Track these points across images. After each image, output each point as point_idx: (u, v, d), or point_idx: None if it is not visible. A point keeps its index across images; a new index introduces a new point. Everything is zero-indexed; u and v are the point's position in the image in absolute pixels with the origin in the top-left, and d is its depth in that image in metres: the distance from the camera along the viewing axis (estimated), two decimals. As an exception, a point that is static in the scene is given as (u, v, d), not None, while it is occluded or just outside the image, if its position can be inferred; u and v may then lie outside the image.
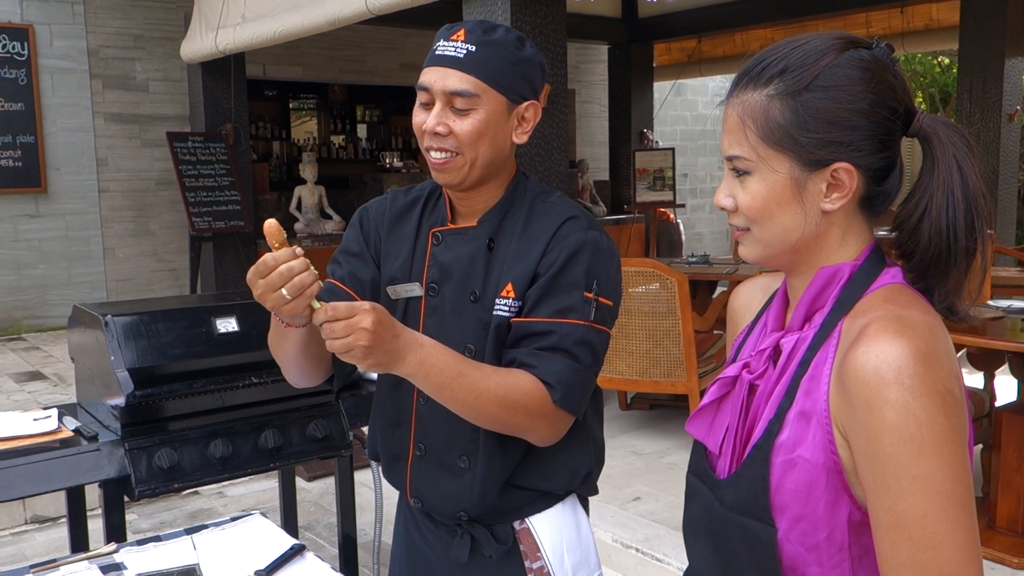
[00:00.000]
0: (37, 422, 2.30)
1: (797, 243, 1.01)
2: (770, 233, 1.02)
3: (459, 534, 1.49)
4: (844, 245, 1.02)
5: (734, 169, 1.02)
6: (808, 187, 0.98)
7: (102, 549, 1.65)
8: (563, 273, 1.38)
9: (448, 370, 1.27)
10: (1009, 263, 6.60)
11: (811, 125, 0.96)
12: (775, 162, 0.99)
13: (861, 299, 0.99)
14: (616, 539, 3.38)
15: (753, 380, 1.05)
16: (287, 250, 1.20)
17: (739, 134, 1.00)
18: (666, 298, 4.26)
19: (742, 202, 1.02)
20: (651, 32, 10.17)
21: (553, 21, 4.46)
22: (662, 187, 9.56)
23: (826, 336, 0.99)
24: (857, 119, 0.96)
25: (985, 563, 3.08)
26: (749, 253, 1.06)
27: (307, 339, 1.36)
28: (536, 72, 1.42)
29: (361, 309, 1.18)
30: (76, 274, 8.05)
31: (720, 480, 1.06)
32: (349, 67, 9.89)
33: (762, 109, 0.99)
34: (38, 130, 7.73)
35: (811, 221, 1.00)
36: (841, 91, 0.96)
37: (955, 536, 0.87)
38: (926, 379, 0.87)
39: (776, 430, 0.98)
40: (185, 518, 3.99)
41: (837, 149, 0.96)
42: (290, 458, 2.48)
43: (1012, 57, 6.87)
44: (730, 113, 1.02)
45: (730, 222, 1.06)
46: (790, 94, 0.97)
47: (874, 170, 0.99)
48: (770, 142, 0.98)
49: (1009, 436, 3.18)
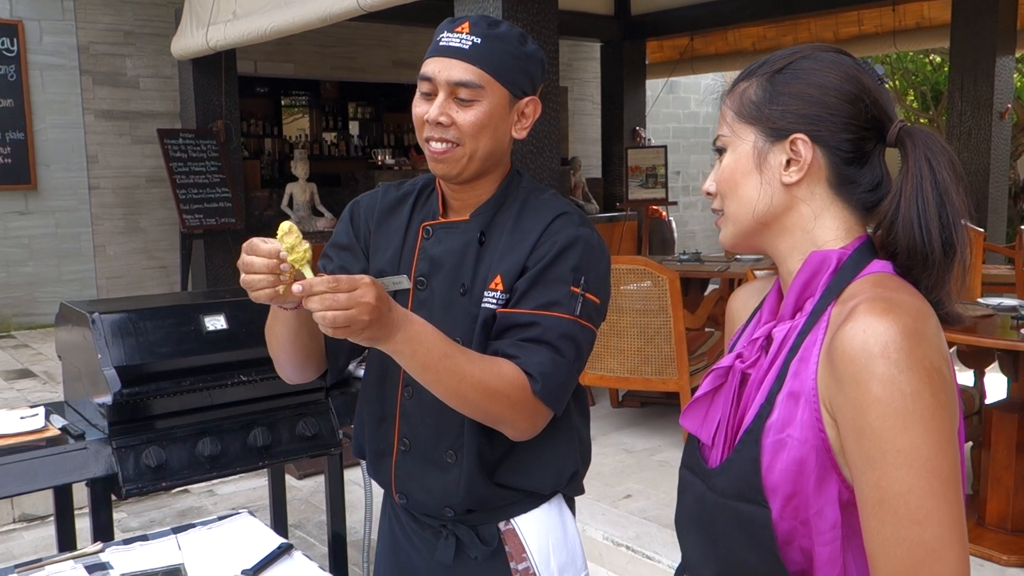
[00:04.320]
0: (24, 420, 2.29)
1: (763, 216, 1.05)
2: (735, 206, 1.07)
3: (444, 535, 1.49)
4: (820, 225, 1.04)
5: (717, 151, 1.08)
6: (768, 159, 1.03)
7: (88, 548, 1.64)
8: (551, 267, 1.37)
9: (435, 350, 1.26)
10: (999, 261, 6.62)
11: (778, 100, 1.03)
12: (743, 133, 1.05)
13: (850, 284, 1.00)
14: (607, 537, 3.38)
15: (745, 369, 1.06)
16: (272, 249, 1.18)
17: (721, 119, 1.08)
18: (657, 295, 4.26)
19: (717, 179, 1.08)
20: (644, 29, 10.16)
21: (545, 18, 4.45)
22: (654, 185, 9.56)
23: (815, 321, 1.00)
24: (823, 96, 1.01)
25: (975, 560, 3.08)
26: (724, 235, 1.11)
27: (297, 324, 1.35)
28: (537, 68, 1.43)
29: (363, 283, 1.16)
30: (66, 271, 8.01)
31: (711, 469, 1.06)
32: (341, 64, 9.86)
33: (740, 91, 1.06)
34: (28, 127, 7.69)
35: (771, 192, 1.03)
36: (811, 72, 1.02)
37: (939, 512, 0.87)
38: (912, 354, 0.88)
39: (766, 414, 0.99)
40: (174, 516, 3.98)
41: (797, 120, 1.02)
42: (279, 456, 2.47)
43: (1003, 55, 6.89)
44: (721, 109, 1.09)
45: (712, 207, 1.11)
46: (766, 76, 1.04)
47: (838, 150, 1.01)
48: (741, 117, 1.05)
49: (999, 433, 3.19)
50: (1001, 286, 5.30)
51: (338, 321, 1.14)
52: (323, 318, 1.14)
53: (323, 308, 1.14)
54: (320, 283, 1.14)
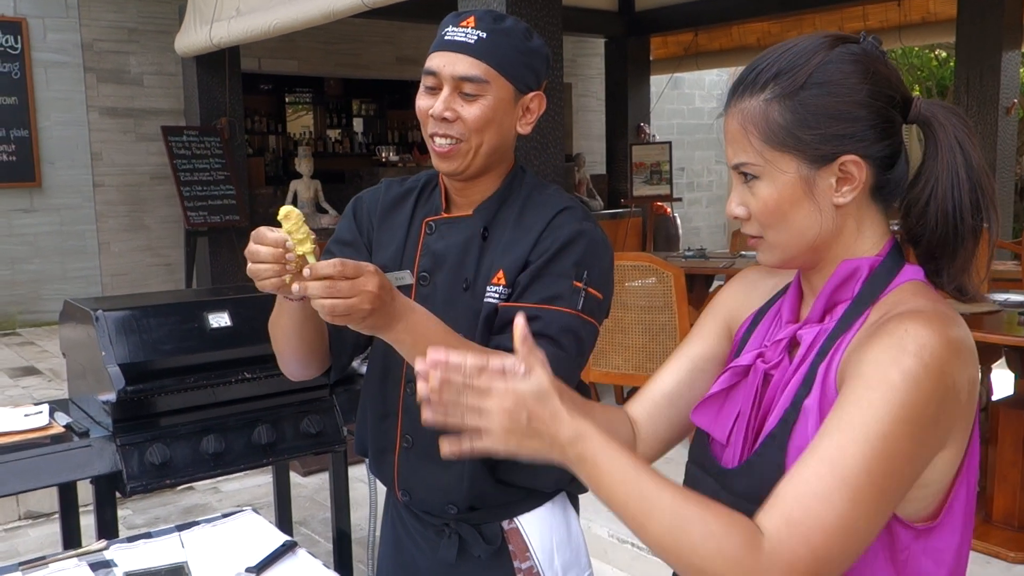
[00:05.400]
0: (28, 418, 2.29)
1: (815, 241, 1.01)
2: (787, 236, 1.02)
3: (447, 534, 1.48)
4: (861, 236, 1.02)
5: (742, 175, 1.02)
6: (818, 183, 0.99)
7: (92, 546, 1.63)
8: (554, 261, 1.37)
9: (436, 340, 1.25)
10: (1006, 257, 6.59)
11: (812, 122, 0.97)
12: (782, 163, 0.99)
13: (886, 292, 0.99)
14: (612, 534, 3.37)
15: (768, 370, 1.05)
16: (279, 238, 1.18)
17: (743, 141, 1.01)
18: (662, 292, 4.25)
19: (755, 208, 1.02)
20: (648, 25, 10.14)
21: (549, 14, 4.44)
22: (659, 181, 9.54)
23: (847, 327, 0.99)
24: (857, 110, 0.97)
25: (982, 557, 3.07)
26: (768, 259, 1.05)
27: (303, 316, 1.34)
28: (542, 64, 1.42)
29: (367, 271, 1.16)
30: (71, 269, 8.02)
31: (728, 469, 1.05)
32: (345, 61, 9.85)
33: (761, 113, 0.99)
34: (32, 124, 7.69)
35: (826, 217, 1.00)
36: (837, 85, 0.97)
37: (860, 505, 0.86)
38: (945, 367, 0.88)
39: (793, 419, 0.98)
40: (179, 514, 3.98)
41: (842, 142, 0.97)
42: (283, 454, 2.46)
43: (1009, 50, 6.86)
44: (730, 123, 1.02)
45: (744, 231, 1.06)
46: (787, 95, 0.98)
47: (880, 159, 0.99)
48: (774, 144, 0.99)
49: (1006, 430, 3.18)
50: (1007, 282, 5.27)
51: (338, 309, 1.14)
52: (322, 306, 1.14)
53: (325, 295, 1.14)
54: (326, 266, 1.14)
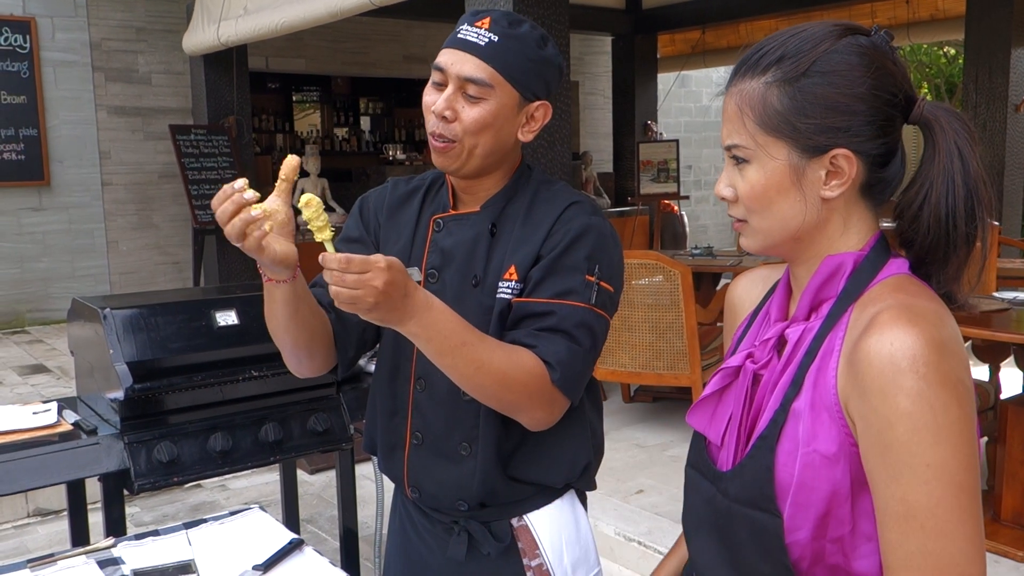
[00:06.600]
0: (36, 415, 2.30)
1: (798, 231, 1.00)
2: (769, 222, 1.01)
3: (456, 531, 1.48)
4: (847, 232, 1.01)
5: (733, 158, 1.01)
6: (807, 174, 0.98)
7: (100, 543, 1.64)
8: (565, 255, 1.36)
9: (453, 337, 1.25)
10: (1015, 254, 6.56)
11: (809, 111, 0.96)
12: (773, 149, 0.98)
13: (869, 288, 0.98)
14: (619, 532, 3.37)
15: (757, 370, 1.04)
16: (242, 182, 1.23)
17: (737, 123, 1.00)
18: (669, 290, 4.24)
19: (741, 191, 1.01)
20: (655, 23, 10.12)
21: (556, 12, 4.43)
22: (666, 179, 9.53)
23: (833, 325, 0.98)
24: (856, 104, 0.95)
25: (989, 556, 3.06)
26: (750, 243, 1.05)
27: (295, 297, 1.32)
28: (554, 73, 1.41)
29: (375, 266, 1.16)
30: (79, 267, 8.05)
31: (722, 472, 1.04)
32: (352, 59, 9.87)
33: (760, 96, 0.98)
34: (41, 123, 7.72)
35: (811, 209, 0.99)
36: (839, 76, 0.95)
37: (966, 526, 0.87)
38: (940, 368, 0.87)
39: (782, 420, 0.98)
40: (187, 511, 3.99)
41: (835, 135, 0.96)
42: (290, 452, 2.47)
43: (1018, 47, 6.83)
44: (729, 103, 1.01)
45: (730, 213, 1.06)
46: (788, 80, 0.96)
47: (873, 156, 0.98)
48: (768, 129, 0.98)
49: (1014, 429, 3.16)
50: (1016, 280, 5.25)
51: (341, 297, 1.17)
52: (332, 293, 1.18)
53: (332, 282, 1.17)
54: (332, 260, 1.16)
